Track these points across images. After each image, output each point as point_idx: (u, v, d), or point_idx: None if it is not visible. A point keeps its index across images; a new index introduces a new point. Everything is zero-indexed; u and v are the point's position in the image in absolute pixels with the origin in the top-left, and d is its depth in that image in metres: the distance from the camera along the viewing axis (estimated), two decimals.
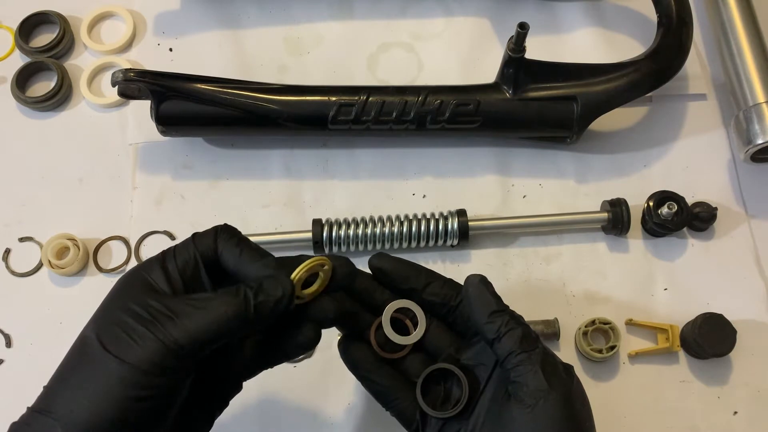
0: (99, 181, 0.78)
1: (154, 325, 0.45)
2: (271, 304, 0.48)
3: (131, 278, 0.49)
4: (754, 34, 0.76)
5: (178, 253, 0.50)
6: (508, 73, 0.72)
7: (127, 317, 0.46)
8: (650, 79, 0.74)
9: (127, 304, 0.47)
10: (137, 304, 0.46)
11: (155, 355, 0.44)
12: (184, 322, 0.45)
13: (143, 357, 0.44)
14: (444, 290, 0.56)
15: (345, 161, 0.79)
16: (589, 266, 0.73)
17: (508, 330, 0.51)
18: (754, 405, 0.67)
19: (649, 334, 0.70)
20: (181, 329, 0.45)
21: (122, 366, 0.44)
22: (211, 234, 0.51)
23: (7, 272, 0.74)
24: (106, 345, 0.45)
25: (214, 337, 0.46)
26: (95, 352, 0.45)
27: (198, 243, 0.50)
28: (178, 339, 0.45)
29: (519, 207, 0.76)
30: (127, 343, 0.45)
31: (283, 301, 0.48)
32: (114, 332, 0.46)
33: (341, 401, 0.68)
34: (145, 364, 0.44)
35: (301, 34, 0.85)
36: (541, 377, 0.48)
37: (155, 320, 0.45)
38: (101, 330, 0.46)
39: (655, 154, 0.78)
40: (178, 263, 0.49)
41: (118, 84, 0.70)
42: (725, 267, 0.73)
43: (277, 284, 0.48)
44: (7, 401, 0.69)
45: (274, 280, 0.48)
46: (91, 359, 0.45)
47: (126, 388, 0.44)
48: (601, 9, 0.85)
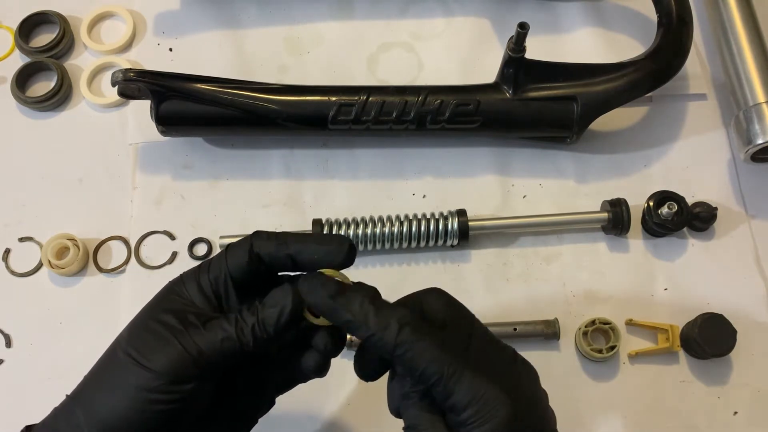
0: (99, 181, 0.78)
1: (181, 334, 0.46)
2: (275, 315, 0.48)
3: (169, 291, 0.50)
4: (754, 34, 0.76)
5: (212, 267, 0.50)
6: (508, 73, 0.72)
7: (156, 325, 0.47)
8: (650, 79, 0.74)
9: (159, 314, 0.48)
10: (171, 312, 0.47)
11: (177, 362, 0.45)
12: (210, 334, 0.46)
13: (165, 364, 0.45)
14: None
15: (345, 161, 0.79)
16: (589, 266, 0.73)
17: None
18: (754, 405, 0.67)
19: (649, 334, 0.70)
20: (206, 339, 0.46)
21: (144, 371, 0.45)
22: (244, 242, 0.50)
23: (7, 272, 0.74)
24: (129, 351, 0.46)
25: (232, 349, 0.47)
26: (119, 355, 0.46)
27: (229, 256, 0.50)
28: (202, 348, 0.46)
29: (519, 207, 0.76)
30: (152, 349, 0.46)
31: (285, 310, 0.48)
32: (141, 339, 0.47)
33: (341, 401, 0.68)
34: (167, 370, 0.45)
35: (301, 34, 0.85)
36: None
37: (184, 329, 0.46)
38: (131, 335, 0.48)
39: (655, 154, 0.78)
40: (211, 278, 0.49)
41: (118, 84, 0.70)
42: (725, 267, 0.73)
43: (281, 295, 0.48)
44: (7, 401, 0.69)
45: (280, 290, 0.48)
46: (116, 363, 0.47)
47: (146, 392, 0.45)
48: (601, 9, 0.85)
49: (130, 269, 0.74)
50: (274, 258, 0.50)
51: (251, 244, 0.50)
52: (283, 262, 0.50)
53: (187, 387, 0.46)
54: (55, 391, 0.49)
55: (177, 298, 0.49)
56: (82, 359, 0.49)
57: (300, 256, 0.50)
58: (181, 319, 0.47)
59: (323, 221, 0.72)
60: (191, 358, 0.46)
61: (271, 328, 0.47)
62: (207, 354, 0.46)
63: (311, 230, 0.71)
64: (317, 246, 0.49)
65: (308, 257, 0.49)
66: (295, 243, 0.50)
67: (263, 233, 0.51)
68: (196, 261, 0.74)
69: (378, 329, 0.46)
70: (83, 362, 0.49)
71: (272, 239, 0.50)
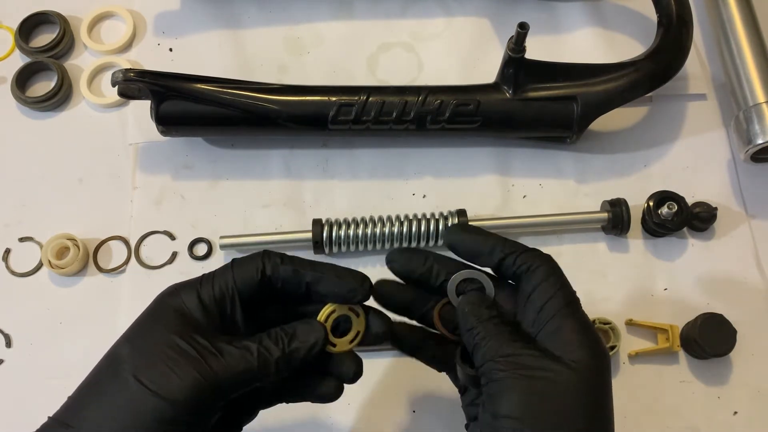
0: (99, 181, 0.78)
1: (197, 362, 0.45)
2: (304, 351, 0.48)
3: (166, 304, 0.48)
4: (754, 34, 0.76)
5: (216, 281, 0.49)
6: (508, 73, 0.72)
7: (167, 349, 0.45)
8: (650, 79, 0.74)
9: (166, 335, 0.46)
10: (178, 335, 0.46)
11: (193, 391, 0.44)
12: (228, 360, 0.45)
13: (187, 394, 0.44)
14: (518, 264, 0.51)
15: (345, 161, 0.78)
16: (589, 266, 0.73)
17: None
18: (754, 405, 0.67)
19: (649, 334, 0.70)
20: (223, 366, 0.45)
21: (162, 401, 0.43)
22: (254, 262, 0.49)
23: (7, 272, 0.74)
24: (141, 377, 0.44)
25: (251, 378, 0.46)
26: (127, 381, 0.44)
27: (237, 272, 0.49)
28: (219, 376, 0.45)
29: (519, 207, 0.76)
30: (167, 377, 0.44)
31: (316, 347, 0.48)
32: (152, 364, 0.45)
33: (341, 401, 0.68)
34: (188, 401, 0.44)
35: (301, 34, 0.85)
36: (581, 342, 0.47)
37: (200, 356, 0.45)
38: (138, 358, 0.45)
39: (655, 154, 0.78)
40: (215, 292, 0.48)
41: (118, 84, 0.70)
42: (725, 267, 0.73)
43: (310, 331, 0.49)
44: (7, 401, 0.69)
45: (308, 326, 0.49)
46: (124, 388, 0.44)
47: (164, 424, 0.43)
48: (601, 9, 0.85)
49: (130, 269, 0.74)
50: (287, 283, 0.49)
51: (263, 264, 0.49)
52: (296, 288, 0.50)
53: (205, 416, 0.45)
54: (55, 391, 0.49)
55: (177, 314, 0.47)
56: (82, 359, 0.49)
57: (317, 287, 0.49)
58: (191, 343, 0.45)
59: (323, 221, 0.72)
60: (210, 388, 0.45)
61: (297, 363, 0.48)
62: (226, 383, 0.45)
63: (311, 230, 0.71)
64: (338, 281, 0.49)
65: (327, 290, 0.49)
66: (313, 273, 0.49)
67: (275, 255, 0.50)
68: (196, 261, 0.74)
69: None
70: (83, 362, 0.48)
71: (287, 264, 0.49)
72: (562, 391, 0.45)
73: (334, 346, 0.51)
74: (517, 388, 0.45)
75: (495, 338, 0.47)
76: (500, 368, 0.46)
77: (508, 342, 0.47)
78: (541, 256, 0.51)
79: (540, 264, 0.50)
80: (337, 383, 0.52)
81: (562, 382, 0.45)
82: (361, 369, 0.52)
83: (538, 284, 0.49)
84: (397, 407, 0.67)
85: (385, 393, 0.68)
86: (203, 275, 0.50)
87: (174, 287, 0.49)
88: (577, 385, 0.45)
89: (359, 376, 0.52)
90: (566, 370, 0.45)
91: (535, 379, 0.45)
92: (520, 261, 0.50)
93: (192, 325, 0.47)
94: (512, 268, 0.50)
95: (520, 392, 0.45)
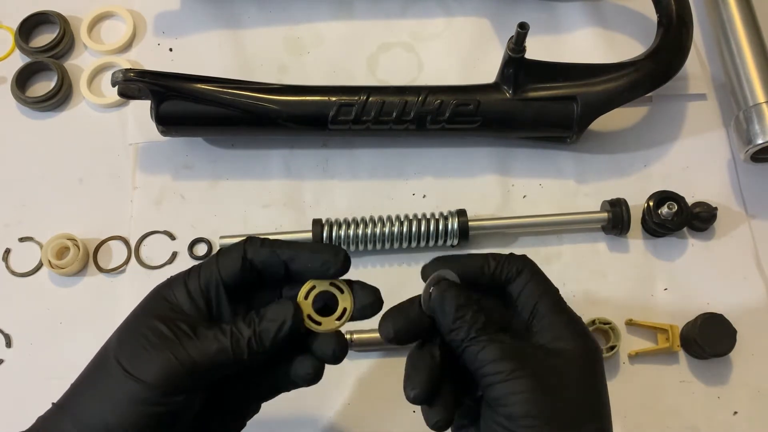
0: (99, 181, 0.78)
1: (173, 345, 0.46)
2: (273, 330, 0.48)
3: (156, 295, 0.50)
4: (754, 34, 0.76)
5: (203, 272, 0.49)
6: (508, 73, 0.72)
7: (148, 333, 0.47)
8: (650, 79, 0.74)
9: (150, 320, 0.47)
10: (161, 321, 0.47)
11: (170, 374, 0.45)
12: (203, 344, 0.46)
13: (158, 376, 0.45)
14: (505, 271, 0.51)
15: (345, 161, 0.79)
16: (589, 266, 0.73)
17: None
18: (754, 405, 0.67)
19: (649, 334, 0.70)
20: (198, 350, 0.46)
21: (136, 383, 0.45)
22: (237, 248, 0.50)
23: (7, 272, 0.74)
24: (121, 360, 0.46)
25: (226, 360, 0.47)
26: (111, 365, 0.46)
27: (221, 261, 0.50)
28: (194, 358, 0.46)
29: (519, 207, 0.76)
30: (144, 359, 0.45)
31: (285, 325, 0.48)
32: (132, 348, 0.46)
33: (340, 400, 0.68)
34: (160, 382, 0.45)
35: (301, 34, 0.85)
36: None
37: (176, 338, 0.46)
38: (121, 345, 0.47)
39: (655, 154, 0.78)
40: (201, 283, 0.49)
41: (118, 84, 0.70)
42: (725, 267, 0.73)
43: (279, 309, 0.48)
44: (7, 401, 0.69)
45: (278, 305, 0.49)
46: (107, 371, 0.46)
47: (138, 404, 0.45)
48: (601, 9, 0.85)
49: (130, 269, 0.74)
50: (267, 265, 0.50)
51: (245, 251, 0.49)
52: (276, 269, 0.50)
53: (180, 398, 0.46)
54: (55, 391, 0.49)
55: (165, 303, 0.48)
56: (82, 359, 0.49)
57: (294, 264, 0.50)
58: (171, 327, 0.47)
59: (323, 221, 0.72)
60: (184, 369, 0.45)
61: (268, 342, 0.48)
62: (200, 365, 0.46)
63: (311, 230, 0.71)
64: (312, 254, 0.49)
65: (302, 266, 0.50)
66: (289, 251, 0.50)
67: (257, 239, 0.51)
68: (196, 261, 0.74)
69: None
70: (83, 362, 0.49)
71: (266, 246, 0.50)
72: (569, 381, 0.47)
73: (320, 325, 0.50)
74: (528, 388, 0.45)
75: (491, 340, 0.47)
76: (503, 369, 0.46)
77: (506, 342, 0.47)
78: (523, 260, 0.52)
79: (523, 267, 0.51)
80: (314, 362, 0.50)
81: (567, 372, 0.47)
82: (343, 348, 0.50)
83: (525, 285, 0.50)
84: (397, 407, 0.67)
85: (385, 393, 0.68)
86: (192, 267, 0.50)
87: (168, 280, 0.51)
88: (581, 373, 0.47)
89: (341, 355, 0.51)
90: (568, 362, 0.47)
91: (542, 376, 0.46)
92: (507, 268, 0.51)
93: (178, 313, 0.48)
94: (501, 275, 0.51)
95: (531, 391, 0.45)
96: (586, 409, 0.47)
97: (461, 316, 0.48)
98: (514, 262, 0.51)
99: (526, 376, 0.45)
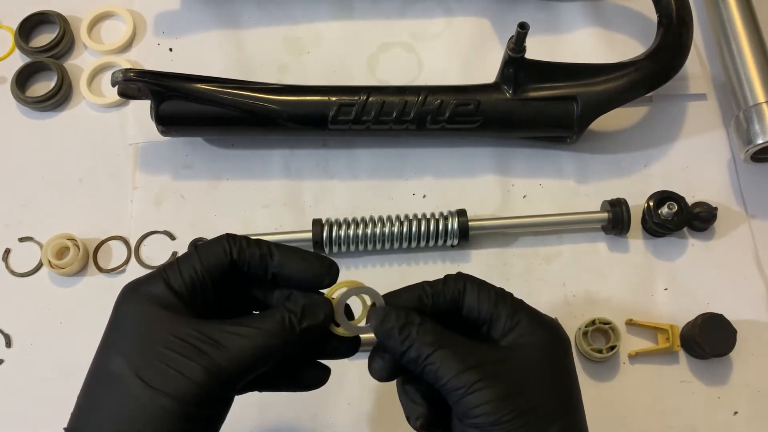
0: (99, 181, 0.78)
1: (201, 356, 0.44)
2: (315, 330, 0.47)
3: (136, 302, 0.47)
4: (754, 34, 0.76)
5: (183, 267, 0.47)
6: (508, 73, 0.72)
7: (166, 349, 0.44)
8: (650, 79, 0.74)
9: (161, 334, 0.44)
10: (172, 334, 0.44)
11: (203, 385, 0.43)
12: (230, 350, 0.44)
13: (194, 389, 0.43)
14: (451, 291, 0.50)
15: (345, 161, 0.79)
16: (589, 266, 0.73)
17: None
18: (754, 405, 0.67)
19: (649, 334, 0.70)
20: (226, 357, 0.44)
21: (172, 400, 0.43)
22: (220, 245, 0.48)
23: (7, 272, 0.74)
24: (148, 381, 0.43)
25: (259, 363, 0.45)
26: (135, 388, 0.43)
27: (203, 256, 0.48)
28: (225, 367, 0.44)
29: (519, 207, 0.76)
30: (174, 377, 0.43)
31: (324, 326, 0.48)
32: (156, 367, 0.43)
33: (341, 400, 0.68)
34: (194, 396, 0.43)
35: (301, 34, 0.85)
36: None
37: (199, 350, 0.44)
38: (138, 366, 0.44)
39: (655, 154, 0.78)
40: (185, 279, 0.47)
41: (118, 84, 0.70)
42: (725, 267, 0.73)
43: (318, 310, 0.47)
44: (7, 401, 0.69)
45: (315, 305, 0.48)
46: (131, 396, 0.43)
47: (177, 420, 0.43)
48: (601, 9, 0.85)
49: (130, 269, 0.74)
50: (253, 267, 0.48)
51: (230, 247, 0.48)
52: (262, 272, 0.49)
53: (220, 407, 0.45)
54: (55, 391, 0.49)
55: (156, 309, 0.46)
56: (82, 359, 0.49)
57: (283, 270, 0.49)
58: (185, 338, 0.44)
59: (323, 221, 0.72)
60: (217, 377, 0.44)
61: (309, 341, 0.47)
62: (231, 371, 0.44)
63: (311, 230, 0.71)
64: (303, 263, 0.48)
65: (291, 273, 0.49)
66: (280, 257, 0.48)
67: (239, 237, 0.49)
68: None
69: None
70: (83, 362, 0.48)
71: (254, 247, 0.48)
72: (535, 378, 0.46)
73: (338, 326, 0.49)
74: (492, 397, 0.44)
75: (445, 354, 0.45)
76: (464, 383, 0.44)
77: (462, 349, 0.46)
78: (462, 276, 0.50)
79: (464, 281, 0.49)
80: (325, 372, 0.51)
81: (532, 369, 0.46)
82: (357, 345, 0.51)
83: (476, 297, 0.48)
84: (397, 407, 0.67)
85: (385, 393, 0.68)
86: (163, 265, 0.49)
87: (133, 285, 0.48)
88: (548, 366, 0.47)
89: (354, 352, 0.51)
90: (533, 356, 0.46)
91: (505, 380, 0.45)
92: (448, 288, 0.49)
93: (176, 315, 0.46)
94: (446, 297, 0.49)
95: (496, 400, 0.44)
96: (555, 406, 0.46)
97: (407, 335, 0.46)
98: (453, 281, 0.49)
99: (488, 386, 0.44)
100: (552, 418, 0.45)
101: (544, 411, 0.45)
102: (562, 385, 0.47)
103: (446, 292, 0.49)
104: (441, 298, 0.49)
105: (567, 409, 0.47)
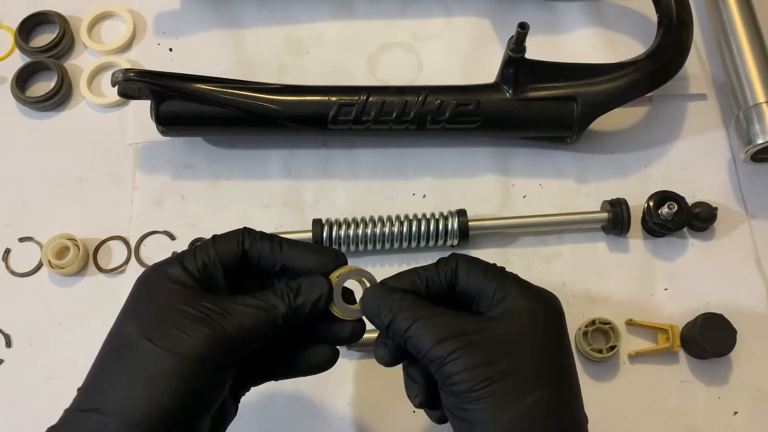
0: (99, 181, 0.78)
1: (206, 321, 0.46)
2: (312, 306, 0.49)
3: (155, 279, 0.50)
4: (754, 34, 0.76)
5: (198, 254, 0.50)
6: (508, 73, 0.72)
7: (176, 315, 0.47)
8: (650, 79, 0.74)
9: (172, 304, 0.47)
10: (186, 303, 0.47)
11: (208, 346, 0.45)
12: (234, 317, 0.47)
13: (197, 349, 0.45)
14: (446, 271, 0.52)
15: (345, 161, 0.79)
16: (589, 266, 0.73)
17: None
18: (754, 405, 0.67)
19: (649, 334, 0.70)
20: (230, 323, 0.47)
21: (176, 358, 0.45)
22: (235, 237, 0.51)
23: (7, 272, 0.74)
24: (156, 341, 0.45)
25: (260, 332, 0.48)
26: (144, 348, 0.46)
27: (219, 245, 0.51)
28: (229, 333, 0.46)
29: (519, 207, 0.76)
30: (180, 338, 0.46)
31: (320, 303, 0.50)
32: (164, 329, 0.46)
33: (341, 398, 0.68)
34: (199, 356, 0.45)
35: (301, 34, 0.85)
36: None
37: (208, 317, 0.47)
38: (148, 329, 0.47)
39: (655, 154, 0.78)
40: (199, 264, 0.50)
41: (118, 84, 0.70)
42: (725, 267, 0.73)
43: (316, 287, 0.50)
44: (7, 401, 0.69)
45: (313, 283, 0.50)
46: (140, 356, 0.46)
47: (180, 379, 0.45)
48: (601, 9, 0.85)
49: (130, 269, 0.74)
50: (263, 258, 0.51)
51: (243, 238, 0.51)
52: (272, 264, 0.51)
53: (223, 373, 0.47)
54: (55, 391, 0.49)
55: (170, 284, 0.48)
56: (82, 359, 0.49)
57: (291, 262, 0.51)
58: (195, 306, 0.47)
59: (323, 221, 0.72)
60: (222, 342, 0.46)
61: (304, 315, 0.49)
62: (236, 337, 0.47)
63: (311, 230, 0.71)
64: (310, 254, 0.51)
65: (299, 264, 0.51)
66: (289, 249, 0.51)
67: (254, 231, 0.52)
68: None
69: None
70: (83, 362, 0.49)
71: (266, 240, 0.51)
72: (519, 347, 0.46)
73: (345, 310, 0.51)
74: (469, 365, 0.45)
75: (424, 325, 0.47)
76: (442, 353, 0.46)
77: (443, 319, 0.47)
78: (454, 256, 0.52)
79: (456, 261, 0.51)
80: (331, 350, 0.52)
81: (517, 336, 0.47)
82: (362, 329, 0.52)
83: (468, 274, 0.50)
84: (397, 407, 0.67)
85: (385, 393, 0.68)
86: (182, 251, 0.51)
87: (154, 266, 0.51)
88: (535, 334, 0.47)
89: (359, 337, 0.52)
90: (520, 323, 0.47)
91: (485, 348, 0.46)
92: (441, 269, 0.51)
93: (189, 290, 0.48)
94: (442, 279, 0.51)
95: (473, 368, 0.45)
96: (537, 374, 0.46)
97: (389, 309, 0.48)
98: (446, 262, 0.51)
99: (465, 354, 0.45)
100: (531, 386, 0.45)
101: (524, 378, 0.45)
102: (548, 353, 0.47)
103: (440, 274, 0.51)
104: (435, 280, 0.51)
105: (551, 377, 0.46)
